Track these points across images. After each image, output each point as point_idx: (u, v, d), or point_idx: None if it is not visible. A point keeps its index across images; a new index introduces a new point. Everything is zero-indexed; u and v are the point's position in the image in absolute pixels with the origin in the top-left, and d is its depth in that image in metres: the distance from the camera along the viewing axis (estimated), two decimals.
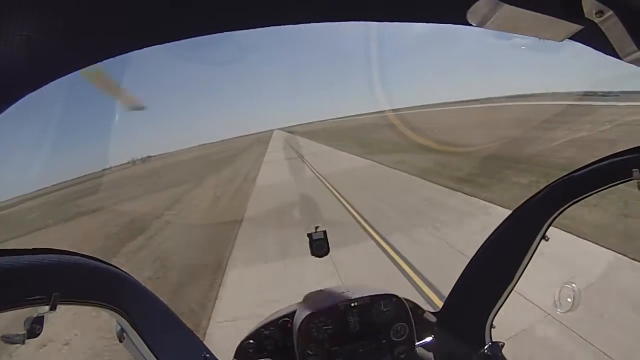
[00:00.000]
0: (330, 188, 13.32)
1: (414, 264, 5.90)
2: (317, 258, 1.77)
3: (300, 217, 9.93)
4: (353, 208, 10.05)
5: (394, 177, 13.94)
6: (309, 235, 1.75)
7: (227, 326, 5.01)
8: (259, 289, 5.98)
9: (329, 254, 1.78)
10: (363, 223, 8.58)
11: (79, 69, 0.63)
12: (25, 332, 0.87)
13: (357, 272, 5.96)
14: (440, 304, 2.15)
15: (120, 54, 0.63)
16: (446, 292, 1.86)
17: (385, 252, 6.62)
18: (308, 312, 1.66)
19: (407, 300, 1.77)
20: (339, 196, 11.80)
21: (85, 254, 1.09)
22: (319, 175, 16.99)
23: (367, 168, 17.40)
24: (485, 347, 1.63)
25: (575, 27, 0.59)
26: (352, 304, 1.69)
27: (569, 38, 0.64)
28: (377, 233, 7.73)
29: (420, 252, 6.39)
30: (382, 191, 11.92)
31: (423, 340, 1.82)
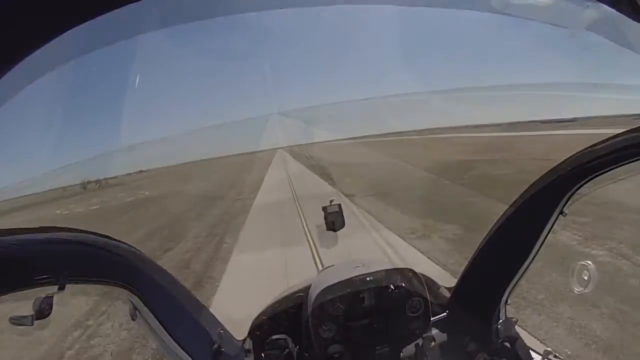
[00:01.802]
0: None
1: None
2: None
3: None
4: None
5: None
6: (324, 208, 1.68)
7: None
8: None
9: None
10: None
11: (73, 27, 0.58)
12: (33, 312, 0.85)
13: None
14: None
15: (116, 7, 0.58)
16: None
17: None
18: (322, 287, 1.63)
19: (422, 275, 1.74)
20: None
21: (94, 231, 1.06)
22: None
23: None
24: (499, 323, 1.60)
25: None
26: (368, 278, 1.65)
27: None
28: None
29: None
30: None
31: (438, 316, 1.80)
